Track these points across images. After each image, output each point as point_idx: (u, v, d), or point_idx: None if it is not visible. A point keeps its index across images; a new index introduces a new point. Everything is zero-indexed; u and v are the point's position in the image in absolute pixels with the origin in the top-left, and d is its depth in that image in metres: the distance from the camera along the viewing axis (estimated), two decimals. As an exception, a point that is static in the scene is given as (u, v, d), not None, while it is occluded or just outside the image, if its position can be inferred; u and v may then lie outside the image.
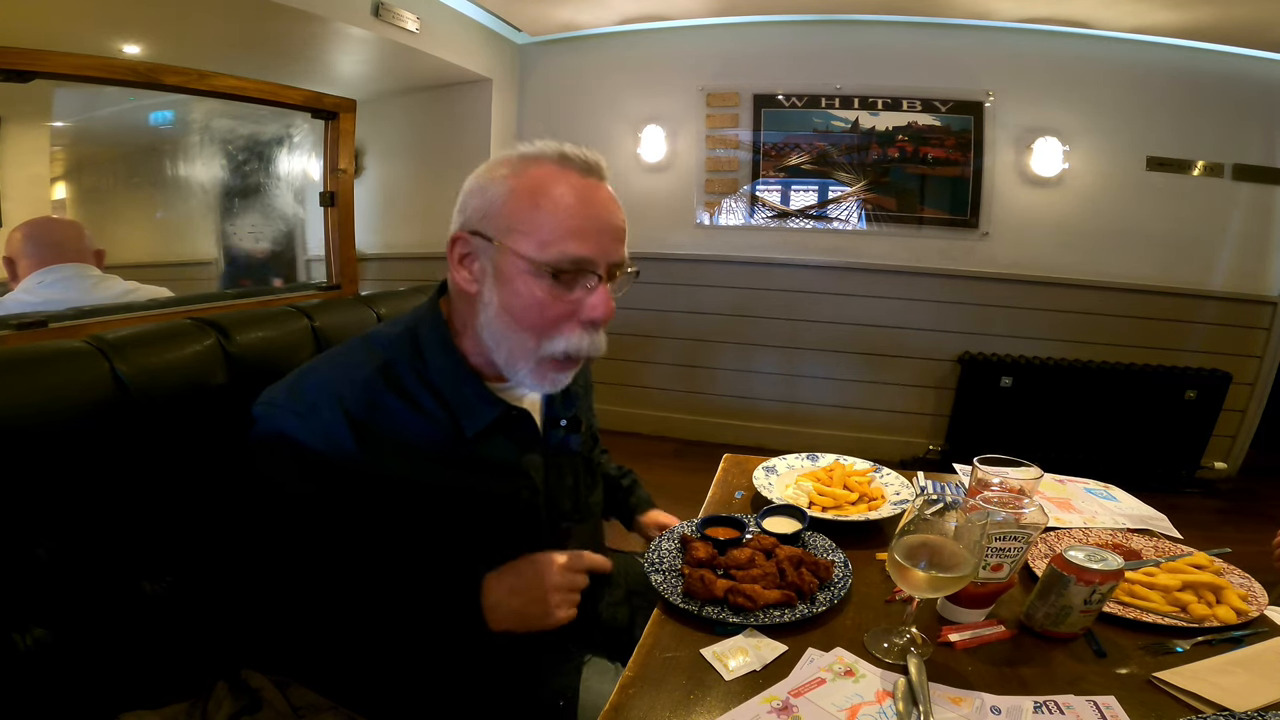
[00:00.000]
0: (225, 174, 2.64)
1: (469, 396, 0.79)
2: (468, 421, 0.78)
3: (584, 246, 0.73)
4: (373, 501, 0.73)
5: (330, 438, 0.72)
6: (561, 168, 0.75)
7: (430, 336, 0.80)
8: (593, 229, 0.74)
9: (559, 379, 0.79)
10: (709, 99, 3.22)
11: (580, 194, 0.75)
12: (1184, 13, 2.58)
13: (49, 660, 0.67)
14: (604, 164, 0.78)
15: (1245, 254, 2.97)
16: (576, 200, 0.74)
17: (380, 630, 0.75)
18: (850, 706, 0.65)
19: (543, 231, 0.74)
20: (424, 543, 0.77)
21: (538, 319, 0.75)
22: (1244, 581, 0.86)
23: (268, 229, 2.83)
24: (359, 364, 0.77)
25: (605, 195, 0.77)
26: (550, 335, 0.76)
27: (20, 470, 0.66)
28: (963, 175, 3.05)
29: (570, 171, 0.76)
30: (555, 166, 0.75)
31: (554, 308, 0.75)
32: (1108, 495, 1.18)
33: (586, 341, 0.77)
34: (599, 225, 0.75)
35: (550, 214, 0.74)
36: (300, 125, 2.76)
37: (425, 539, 0.77)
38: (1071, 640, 0.76)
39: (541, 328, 0.76)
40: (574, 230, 0.73)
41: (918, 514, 0.72)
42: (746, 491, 1.15)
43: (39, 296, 1.54)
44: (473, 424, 0.78)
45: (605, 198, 0.77)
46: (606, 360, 0.82)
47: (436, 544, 0.77)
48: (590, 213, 0.75)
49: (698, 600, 0.79)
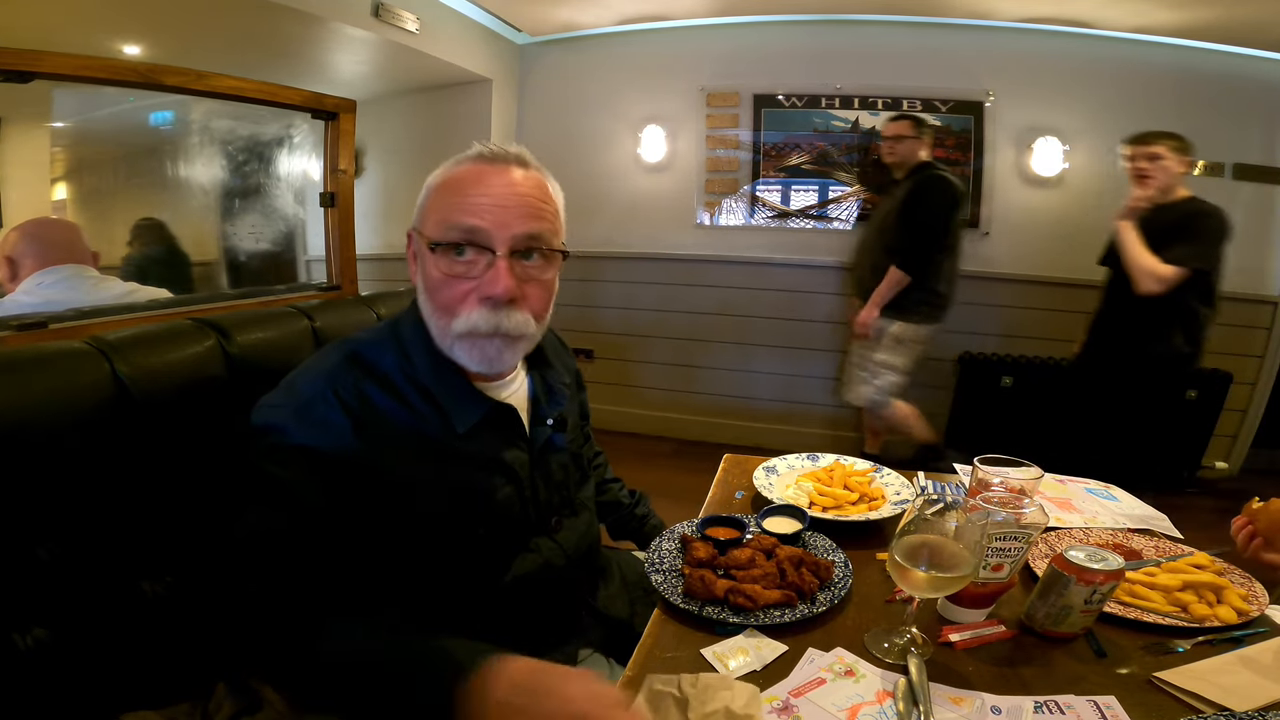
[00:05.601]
0: (225, 174, 2.64)
1: (457, 393, 0.80)
2: (458, 418, 0.79)
3: (473, 218, 0.75)
4: (374, 497, 0.73)
5: (330, 427, 0.73)
6: (475, 161, 0.79)
7: (412, 336, 0.81)
8: (487, 202, 0.76)
9: (495, 358, 0.79)
10: (709, 99, 3.22)
11: (479, 174, 0.77)
12: (1184, 13, 2.58)
13: (49, 660, 0.67)
14: (524, 154, 0.80)
15: (1245, 254, 2.94)
16: (474, 179, 0.77)
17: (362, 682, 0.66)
18: (850, 706, 0.65)
19: (440, 211, 0.77)
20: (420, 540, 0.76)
21: (441, 298, 0.77)
22: (1245, 581, 0.86)
23: (268, 230, 2.83)
24: (340, 364, 0.78)
25: (511, 175, 0.78)
26: (455, 313, 0.77)
27: (20, 471, 0.66)
28: (963, 175, 3.05)
29: (480, 162, 0.79)
30: (473, 163, 0.79)
31: (454, 286, 0.76)
32: (1108, 495, 1.18)
33: (486, 319, 0.76)
34: (494, 199, 0.76)
35: (448, 194, 0.78)
36: (300, 126, 2.76)
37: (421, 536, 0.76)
38: (1072, 640, 0.76)
39: (446, 306, 0.77)
40: (466, 205, 0.76)
41: (918, 514, 0.72)
42: (746, 491, 1.15)
43: (39, 297, 1.54)
44: (463, 420, 0.79)
45: (509, 176, 0.78)
46: (606, 360, 0.82)
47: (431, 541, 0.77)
48: (485, 189, 0.76)
49: (698, 600, 0.79)
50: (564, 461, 0.92)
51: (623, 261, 3.45)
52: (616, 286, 3.50)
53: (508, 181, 0.77)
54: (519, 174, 0.79)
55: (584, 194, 3.41)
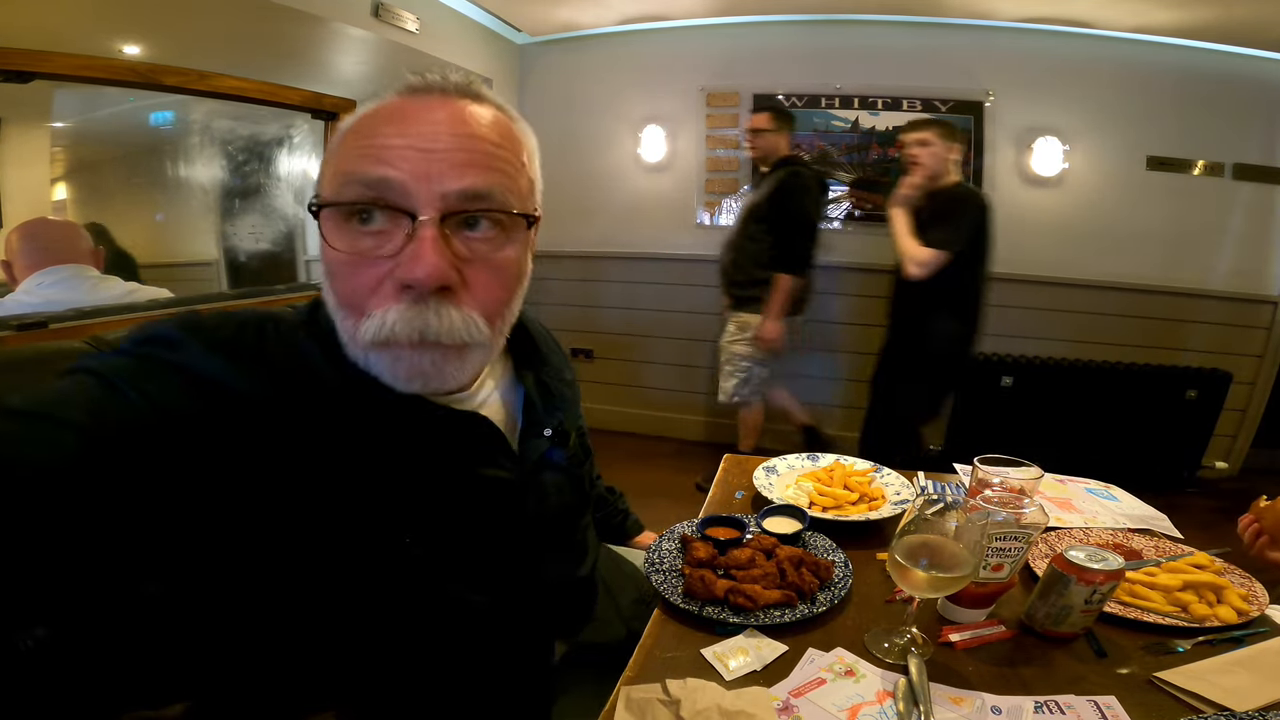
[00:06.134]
0: (225, 174, 2.64)
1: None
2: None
3: (380, 166, 0.51)
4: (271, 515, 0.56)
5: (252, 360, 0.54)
6: (401, 95, 0.56)
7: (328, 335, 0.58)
8: (403, 145, 0.52)
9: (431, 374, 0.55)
10: (709, 99, 3.22)
11: (396, 108, 0.54)
12: (1184, 12, 2.58)
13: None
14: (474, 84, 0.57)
15: (1245, 254, 2.97)
16: (388, 116, 0.54)
17: None
18: (851, 707, 0.65)
19: (337, 162, 0.54)
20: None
21: (344, 287, 0.53)
22: (1245, 581, 0.86)
23: (268, 230, 2.83)
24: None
25: (450, 108, 0.55)
26: (364, 310, 0.53)
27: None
28: (963, 175, 3.04)
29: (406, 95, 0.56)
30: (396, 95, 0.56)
31: (360, 270, 0.52)
32: (1108, 495, 1.18)
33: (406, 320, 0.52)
34: (416, 140, 0.52)
35: (350, 138, 0.54)
36: (300, 125, 2.76)
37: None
38: (1072, 640, 0.76)
39: (351, 300, 0.53)
40: (372, 149, 0.52)
41: (918, 514, 0.72)
42: (747, 491, 1.15)
43: (39, 298, 1.54)
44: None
45: (447, 110, 0.54)
46: (606, 360, 0.80)
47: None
48: (404, 126, 0.52)
49: (698, 600, 0.79)
50: (562, 486, 0.74)
51: (623, 261, 3.45)
52: (617, 286, 3.51)
53: (441, 118, 0.54)
54: (463, 107, 0.55)
55: (584, 194, 3.41)
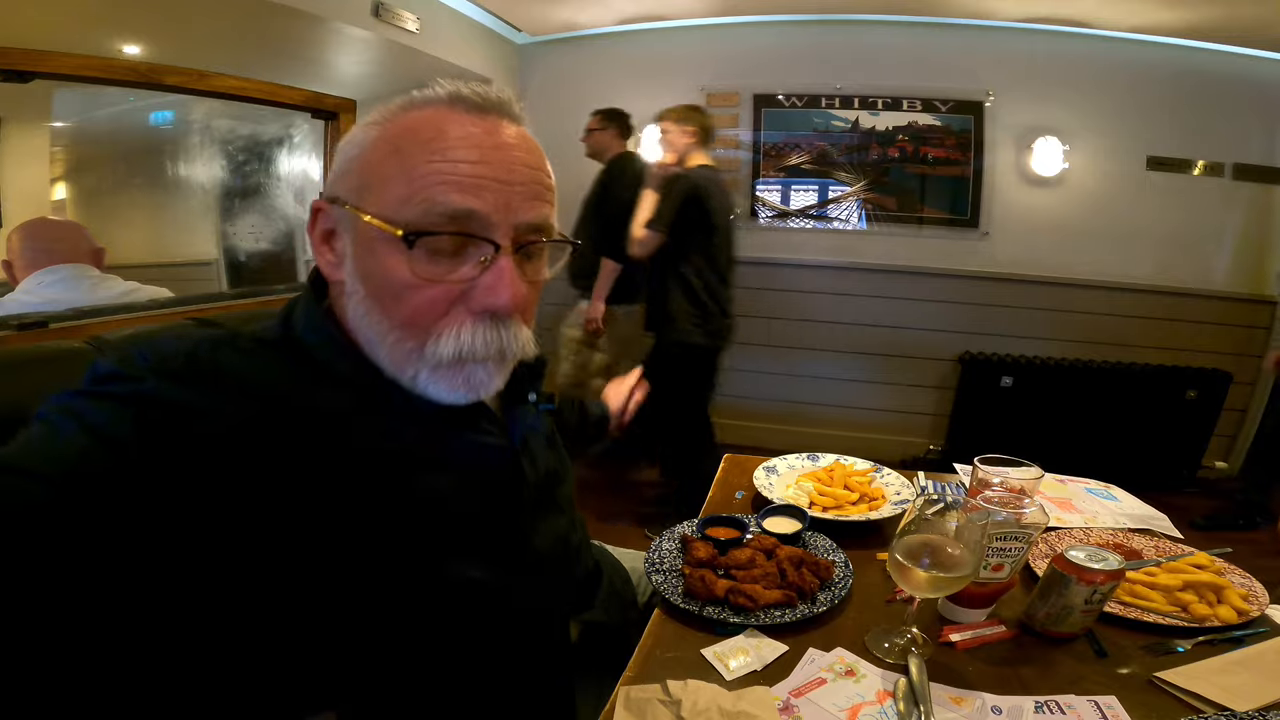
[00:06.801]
0: (225, 174, 2.64)
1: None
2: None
3: (467, 197, 0.52)
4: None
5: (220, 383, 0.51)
6: (450, 108, 0.55)
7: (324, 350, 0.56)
8: (487, 174, 0.53)
9: (483, 384, 0.57)
10: (709, 99, 3.22)
11: (465, 131, 0.54)
12: (1184, 12, 2.58)
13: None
14: (511, 100, 0.57)
15: (1245, 254, 2.97)
16: (460, 137, 0.53)
17: None
18: (851, 706, 0.65)
19: (404, 181, 0.52)
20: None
21: (406, 308, 0.53)
22: (1245, 581, 0.86)
23: (268, 229, 2.83)
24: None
25: (511, 134, 0.56)
26: (433, 331, 0.54)
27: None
28: (963, 175, 3.05)
29: (458, 110, 0.55)
30: (442, 108, 0.55)
31: (426, 292, 0.53)
32: (1108, 495, 1.18)
33: (486, 339, 0.55)
34: (494, 170, 0.53)
35: (417, 156, 0.53)
36: (300, 125, 2.76)
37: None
38: (1072, 640, 0.76)
39: (415, 320, 0.54)
40: (451, 176, 0.52)
41: (918, 514, 0.72)
42: (747, 491, 1.15)
43: (39, 297, 1.54)
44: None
45: (510, 138, 0.55)
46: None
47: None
48: (480, 154, 0.53)
49: (698, 600, 0.79)
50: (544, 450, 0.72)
51: (623, 261, 3.45)
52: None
53: (506, 141, 0.55)
54: (512, 131, 0.56)
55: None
